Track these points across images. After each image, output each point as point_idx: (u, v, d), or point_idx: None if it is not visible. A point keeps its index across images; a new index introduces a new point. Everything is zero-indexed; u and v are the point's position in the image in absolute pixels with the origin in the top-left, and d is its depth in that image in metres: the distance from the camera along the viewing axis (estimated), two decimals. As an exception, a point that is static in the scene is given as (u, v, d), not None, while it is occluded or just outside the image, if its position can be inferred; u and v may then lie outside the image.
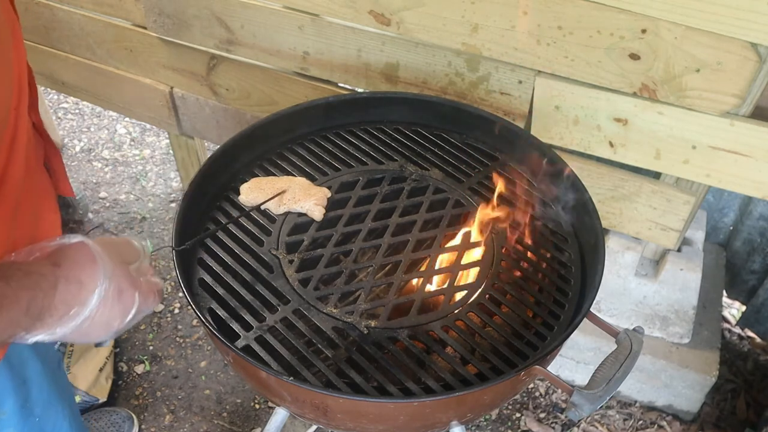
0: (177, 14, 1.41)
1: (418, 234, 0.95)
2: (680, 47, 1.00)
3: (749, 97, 1.01)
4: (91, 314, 0.63)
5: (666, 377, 1.46)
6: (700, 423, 1.54)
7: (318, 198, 0.96)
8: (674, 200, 1.21)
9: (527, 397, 1.60)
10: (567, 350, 1.52)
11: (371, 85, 1.32)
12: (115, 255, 0.68)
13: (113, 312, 0.65)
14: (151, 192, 2.16)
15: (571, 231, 0.98)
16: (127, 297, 0.66)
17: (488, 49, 1.14)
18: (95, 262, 0.63)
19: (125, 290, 0.66)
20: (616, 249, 1.40)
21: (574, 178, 0.98)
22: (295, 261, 0.90)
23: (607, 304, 1.46)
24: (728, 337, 1.75)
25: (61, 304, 0.60)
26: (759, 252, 1.57)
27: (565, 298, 0.88)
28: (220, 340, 0.76)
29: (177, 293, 1.82)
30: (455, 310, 0.85)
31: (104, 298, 0.63)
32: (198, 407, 1.57)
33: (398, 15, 1.17)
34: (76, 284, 0.62)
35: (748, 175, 1.08)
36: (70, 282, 0.61)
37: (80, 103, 2.51)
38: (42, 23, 1.65)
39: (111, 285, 0.64)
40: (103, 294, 0.63)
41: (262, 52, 1.38)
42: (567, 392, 0.73)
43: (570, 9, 1.03)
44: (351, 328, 0.82)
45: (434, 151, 1.09)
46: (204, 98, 1.58)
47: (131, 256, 0.71)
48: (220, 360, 1.65)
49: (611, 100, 1.11)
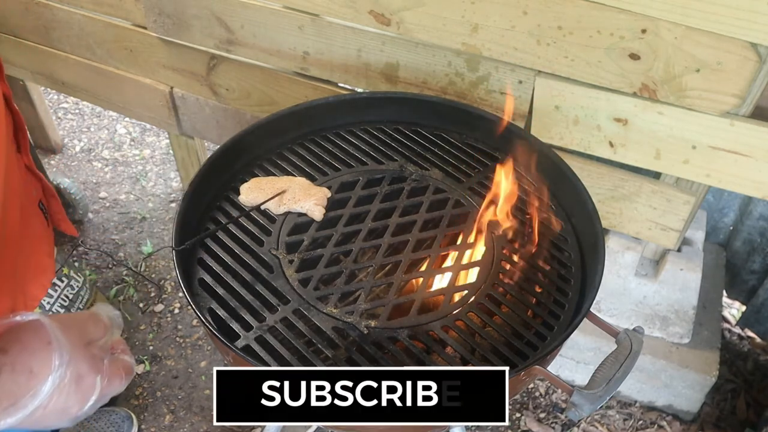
0: (177, 14, 1.41)
1: (418, 234, 0.95)
2: (680, 47, 1.00)
3: (749, 97, 1.01)
4: (42, 404, 0.57)
5: (666, 377, 1.46)
6: (700, 423, 1.54)
7: (318, 198, 0.96)
8: (674, 200, 1.21)
9: (527, 397, 1.60)
10: (567, 350, 1.52)
11: (371, 85, 1.32)
12: (76, 334, 0.62)
13: (70, 400, 0.60)
14: (151, 192, 2.16)
15: (571, 231, 0.98)
16: (87, 383, 0.61)
17: (488, 49, 1.14)
18: (50, 345, 0.57)
19: (85, 376, 0.61)
20: (616, 249, 1.40)
21: (573, 178, 0.98)
22: (295, 261, 0.90)
23: (607, 304, 1.46)
24: (728, 337, 1.75)
25: (5, 395, 0.55)
26: (759, 252, 1.57)
27: (565, 298, 0.88)
28: (220, 340, 0.76)
29: (177, 293, 1.82)
30: (455, 310, 0.85)
31: (58, 386, 0.57)
32: (198, 407, 1.57)
33: (398, 15, 1.17)
34: (26, 373, 0.56)
35: (748, 175, 1.08)
36: (17, 371, 0.56)
37: (80, 103, 2.51)
38: (42, 23, 1.65)
39: (68, 371, 0.58)
40: (57, 382, 0.57)
41: (262, 52, 1.38)
42: (567, 392, 0.73)
43: (570, 9, 1.04)
44: (351, 328, 0.82)
45: (434, 151, 1.09)
46: (204, 98, 1.58)
47: (97, 332, 0.66)
48: (220, 360, 1.65)
49: (611, 100, 1.11)
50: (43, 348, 0.57)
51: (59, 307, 1.46)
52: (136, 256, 1.91)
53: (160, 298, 1.80)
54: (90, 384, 0.61)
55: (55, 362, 0.57)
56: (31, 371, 0.57)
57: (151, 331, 1.72)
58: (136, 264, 1.89)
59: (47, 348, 0.57)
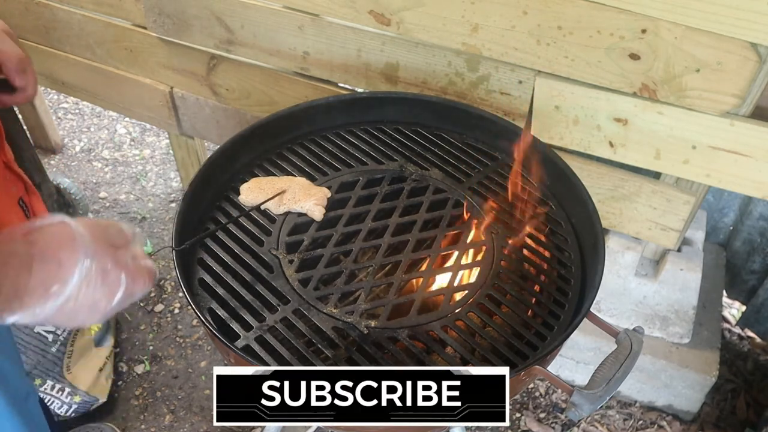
0: (177, 14, 1.41)
1: (418, 234, 0.95)
2: (680, 47, 1.00)
3: (749, 97, 1.01)
4: (73, 294, 0.61)
5: (666, 377, 1.46)
6: (700, 423, 1.54)
7: (318, 198, 0.96)
8: (674, 200, 1.21)
9: (527, 397, 1.60)
10: (567, 350, 1.52)
11: (371, 85, 1.32)
12: (99, 236, 0.65)
13: (97, 293, 0.63)
14: (151, 192, 2.16)
15: (571, 231, 0.98)
16: (112, 277, 0.64)
17: (488, 49, 1.14)
18: (74, 240, 0.61)
19: (110, 270, 0.64)
20: (616, 249, 1.40)
21: (574, 178, 0.98)
22: (295, 261, 0.90)
23: (607, 304, 1.46)
24: (728, 337, 1.75)
25: (38, 283, 0.58)
26: (759, 252, 1.57)
27: (565, 298, 0.88)
28: (220, 340, 0.76)
29: (177, 293, 1.82)
30: (455, 310, 0.85)
31: (86, 277, 0.61)
32: (198, 407, 1.57)
33: (398, 15, 1.17)
34: (55, 263, 0.60)
35: (748, 175, 1.08)
36: (46, 261, 0.59)
37: (80, 103, 2.51)
38: (42, 23, 1.65)
39: (93, 264, 0.62)
40: (84, 273, 0.61)
41: (262, 52, 1.38)
42: (567, 392, 0.73)
43: (570, 9, 1.04)
44: (351, 328, 0.82)
45: (434, 151, 1.09)
46: (204, 98, 1.58)
47: (119, 239, 0.69)
48: (220, 360, 1.65)
49: (611, 100, 1.11)
50: (69, 242, 0.61)
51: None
52: (136, 256, 1.91)
53: (160, 298, 1.80)
54: (115, 278, 0.64)
55: (81, 254, 0.60)
56: (59, 262, 0.60)
57: (151, 331, 1.72)
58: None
59: (72, 242, 0.61)
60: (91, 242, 0.63)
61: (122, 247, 0.68)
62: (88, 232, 0.63)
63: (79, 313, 0.62)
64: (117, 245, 0.67)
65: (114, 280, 0.64)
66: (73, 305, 0.61)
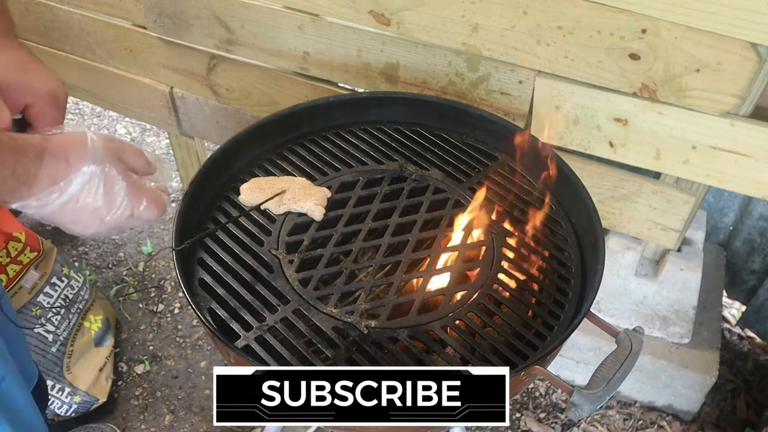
0: (177, 14, 1.41)
1: (418, 234, 0.95)
2: (680, 47, 1.00)
3: (749, 97, 1.01)
4: (75, 194, 0.64)
5: (666, 377, 1.46)
6: (700, 423, 1.54)
7: (318, 198, 0.96)
8: (674, 200, 1.21)
9: (527, 397, 1.60)
10: (567, 350, 1.52)
11: (371, 85, 1.32)
12: (113, 151, 0.68)
13: (99, 200, 0.66)
14: (151, 192, 2.16)
15: (571, 231, 0.98)
16: (116, 189, 0.67)
17: (488, 49, 1.14)
18: (86, 146, 0.65)
19: (115, 182, 0.67)
20: (616, 249, 1.40)
21: (574, 178, 0.98)
22: (295, 261, 0.90)
23: (607, 304, 1.46)
24: (728, 337, 1.75)
25: (46, 176, 0.62)
26: (759, 252, 1.57)
27: (565, 298, 0.88)
28: (220, 340, 0.76)
29: (177, 293, 1.82)
30: (455, 310, 0.85)
31: (89, 181, 0.65)
32: (198, 407, 1.57)
33: (398, 15, 1.17)
34: (63, 161, 0.63)
35: (748, 175, 1.08)
36: (56, 157, 0.63)
37: (80, 103, 2.51)
38: (42, 23, 1.65)
39: (99, 171, 0.65)
40: (88, 177, 0.65)
41: (262, 52, 1.38)
42: (567, 392, 0.73)
43: (570, 9, 1.04)
44: (351, 328, 0.82)
45: (434, 151, 1.09)
46: (204, 98, 1.58)
47: (134, 161, 0.72)
48: (220, 360, 1.65)
49: (611, 100, 1.11)
50: (81, 146, 0.65)
51: (59, 307, 1.47)
52: (136, 256, 1.91)
53: (160, 298, 1.80)
54: (119, 191, 0.68)
55: (89, 159, 0.65)
56: (68, 161, 0.64)
57: (151, 331, 1.72)
58: (136, 264, 1.89)
59: (84, 147, 0.65)
60: (102, 152, 0.66)
61: (138, 168, 0.72)
62: (102, 144, 0.67)
63: (81, 216, 0.66)
64: (131, 165, 0.71)
65: (117, 192, 0.68)
66: (74, 206, 0.65)
